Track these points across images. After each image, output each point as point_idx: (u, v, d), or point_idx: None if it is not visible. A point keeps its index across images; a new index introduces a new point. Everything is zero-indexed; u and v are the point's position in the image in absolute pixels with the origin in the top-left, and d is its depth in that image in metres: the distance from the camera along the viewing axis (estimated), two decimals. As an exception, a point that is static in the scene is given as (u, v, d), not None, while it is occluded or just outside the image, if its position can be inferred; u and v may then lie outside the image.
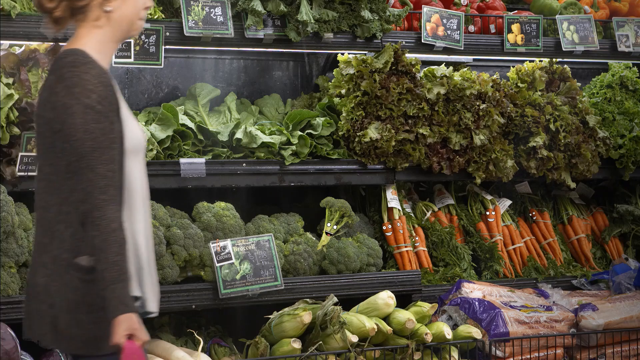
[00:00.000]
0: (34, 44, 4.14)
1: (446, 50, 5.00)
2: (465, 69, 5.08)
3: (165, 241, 4.14)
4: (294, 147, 4.52)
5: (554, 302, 4.73)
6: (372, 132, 4.65)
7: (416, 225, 4.93)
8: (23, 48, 4.12)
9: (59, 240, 2.76)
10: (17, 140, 3.88)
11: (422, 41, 4.90)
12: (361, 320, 4.16)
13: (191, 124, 4.48)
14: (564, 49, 5.27)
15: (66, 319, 2.74)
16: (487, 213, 5.13)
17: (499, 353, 4.32)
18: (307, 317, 4.08)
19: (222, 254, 4.18)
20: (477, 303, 4.41)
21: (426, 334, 4.19)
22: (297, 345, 4.04)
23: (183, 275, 4.25)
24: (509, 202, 5.26)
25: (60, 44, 4.14)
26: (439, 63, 5.14)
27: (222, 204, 4.43)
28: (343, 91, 4.79)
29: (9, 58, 4.03)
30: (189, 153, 4.39)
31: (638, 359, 4.71)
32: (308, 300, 4.27)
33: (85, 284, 2.74)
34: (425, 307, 4.31)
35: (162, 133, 4.32)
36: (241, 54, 5.05)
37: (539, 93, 5.22)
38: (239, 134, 4.48)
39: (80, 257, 2.74)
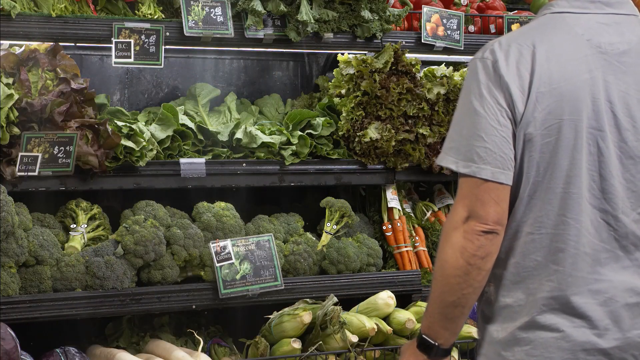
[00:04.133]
0: (34, 44, 4.14)
1: (446, 50, 5.00)
2: (465, 69, 5.08)
3: (165, 241, 4.14)
4: (294, 147, 4.52)
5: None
6: (372, 132, 4.65)
7: (416, 225, 4.93)
8: (23, 48, 4.12)
9: None
10: (17, 140, 3.88)
11: (422, 41, 4.90)
12: (361, 320, 4.16)
13: (191, 124, 4.48)
14: (564, 49, 5.26)
15: None
16: (487, 213, 5.12)
17: (499, 353, 4.32)
18: (307, 317, 4.08)
19: (222, 254, 4.18)
20: (477, 303, 4.41)
21: (426, 334, 4.18)
22: (297, 345, 4.04)
23: (183, 275, 4.25)
24: (508, 202, 5.25)
25: (61, 43, 4.15)
26: (439, 63, 5.14)
27: (222, 204, 4.43)
28: (343, 91, 4.79)
29: (9, 58, 4.03)
30: (189, 153, 4.39)
31: None
32: (308, 300, 4.27)
33: None
34: (425, 307, 4.31)
35: (162, 133, 4.32)
36: (241, 54, 5.05)
37: (539, 93, 5.21)
38: (239, 134, 4.48)
39: None
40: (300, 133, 4.56)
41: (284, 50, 4.79)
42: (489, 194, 2.47)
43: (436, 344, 2.60)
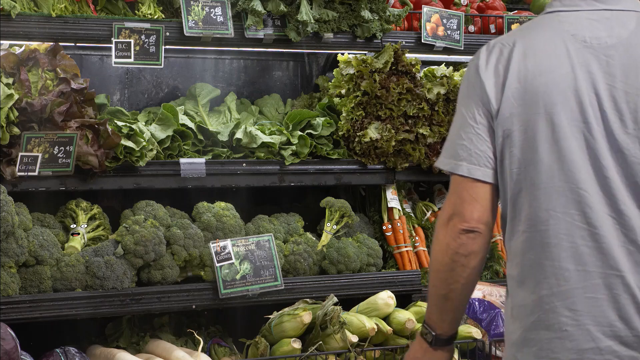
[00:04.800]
0: (34, 44, 4.14)
1: (446, 50, 5.00)
2: (465, 68, 5.07)
3: (165, 241, 4.14)
4: (294, 147, 4.52)
5: (554, 302, 4.72)
6: (372, 132, 4.65)
7: (416, 225, 4.93)
8: (23, 48, 4.12)
9: None
10: (17, 140, 3.88)
11: (422, 41, 4.90)
12: (361, 320, 4.16)
13: (191, 124, 4.48)
14: (564, 49, 5.26)
15: None
16: (487, 213, 5.12)
17: (499, 353, 4.32)
18: (307, 317, 4.08)
19: (222, 254, 4.18)
20: (477, 303, 4.41)
21: (426, 334, 4.18)
22: (297, 345, 4.04)
23: (183, 275, 4.25)
24: (509, 202, 5.25)
25: (61, 43, 4.15)
26: (439, 63, 5.14)
27: (222, 204, 4.43)
28: (343, 91, 4.79)
29: (9, 58, 4.03)
30: (189, 153, 4.39)
31: None
32: (308, 300, 4.27)
33: None
34: (425, 307, 4.30)
35: (162, 133, 4.32)
36: (241, 54, 5.05)
37: (539, 93, 5.21)
38: (239, 134, 4.48)
39: None
40: (300, 133, 4.56)
41: (284, 50, 4.79)
42: (467, 191, 2.52)
43: (434, 333, 2.66)
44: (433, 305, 2.66)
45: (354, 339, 4.10)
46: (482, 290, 4.58)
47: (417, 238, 4.87)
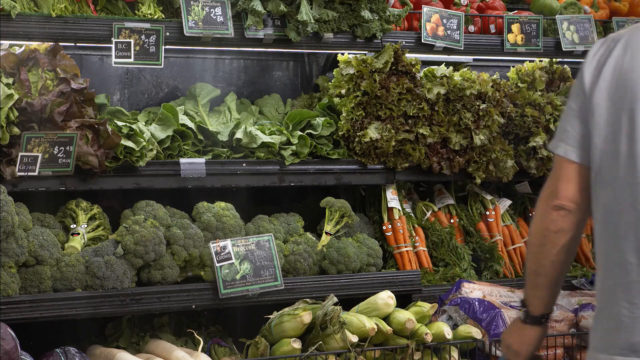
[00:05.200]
0: (34, 44, 4.14)
1: (446, 50, 5.00)
2: (465, 69, 5.07)
3: (165, 241, 4.14)
4: (294, 147, 4.52)
5: (554, 302, 4.72)
6: (372, 132, 4.65)
7: (416, 225, 4.93)
8: (23, 48, 4.12)
9: None
10: (17, 140, 3.88)
11: (422, 41, 4.90)
12: (361, 320, 4.16)
13: (191, 124, 4.48)
14: (564, 49, 5.27)
15: None
16: (487, 213, 5.13)
17: (499, 353, 4.32)
18: (307, 317, 4.07)
19: (222, 254, 4.18)
20: (477, 303, 4.41)
21: (426, 334, 4.19)
22: (297, 345, 4.04)
23: (183, 275, 4.25)
24: (509, 202, 5.26)
25: (61, 43, 4.15)
26: (439, 63, 5.14)
27: (222, 204, 4.43)
28: (343, 91, 4.79)
29: (9, 58, 4.03)
30: (189, 153, 4.39)
31: None
32: (308, 300, 4.27)
33: None
34: (425, 307, 4.31)
35: (162, 133, 4.32)
36: (241, 54, 5.05)
37: (539, 93, 5.22)
38: (239, 134, 4.48)
39: None
40: (300, 133, 4.56)
41: (284, 50, 4.79)
42: (562, 170, 2.68)
43: (526, 309, 2.81)
44: (527, 281, 2.79)
45: (354, 339, 4.10)
46: (482, 290, 4.58)
47: (417, 238, 4.87)
